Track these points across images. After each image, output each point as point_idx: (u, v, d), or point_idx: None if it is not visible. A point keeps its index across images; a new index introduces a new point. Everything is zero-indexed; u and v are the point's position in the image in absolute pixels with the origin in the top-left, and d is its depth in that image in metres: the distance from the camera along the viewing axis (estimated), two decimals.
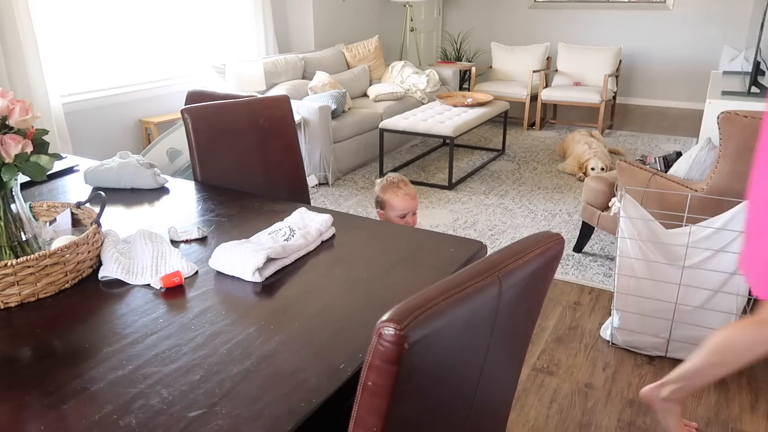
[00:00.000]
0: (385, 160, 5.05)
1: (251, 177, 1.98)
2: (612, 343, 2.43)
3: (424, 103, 5.48)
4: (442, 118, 4.55)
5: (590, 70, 6.19)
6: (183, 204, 1.75)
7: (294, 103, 4.38)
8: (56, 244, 1.30)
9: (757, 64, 3.38)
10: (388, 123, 4.50)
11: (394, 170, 4.73)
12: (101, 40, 4.21)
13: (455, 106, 4.94)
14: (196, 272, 1.32)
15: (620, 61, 6.26)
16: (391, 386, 0.72)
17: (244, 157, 1.98)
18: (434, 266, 1.36)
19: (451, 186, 4.34)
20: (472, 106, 4.91)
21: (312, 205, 2.06)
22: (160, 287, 1.26)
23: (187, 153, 2.55)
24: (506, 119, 5.28)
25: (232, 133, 1.98)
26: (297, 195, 2.11)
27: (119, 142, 4.30)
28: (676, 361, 2.32)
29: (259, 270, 1.27)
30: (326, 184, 4.46)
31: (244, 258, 1.27)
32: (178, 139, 2.91)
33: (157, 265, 1.31)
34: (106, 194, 1.78)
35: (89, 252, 1.30)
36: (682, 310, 2.24)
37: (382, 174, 4.58)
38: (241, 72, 4.54)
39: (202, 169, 1.94)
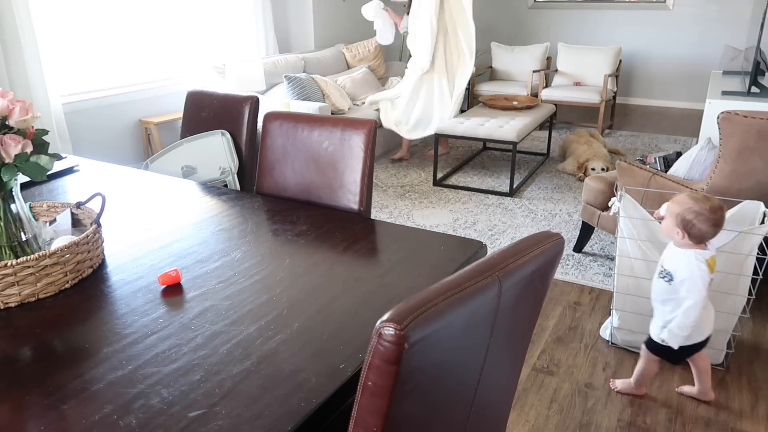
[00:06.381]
0: (385, 161, 5.05)
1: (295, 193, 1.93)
2: (612, 343, 2.43)
3: None
4: (500, 123, 4.38)
5: (590, 70, 6.19)
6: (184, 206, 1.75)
7: (294, 104, 4.38)
8: (56, 244, 1.30)
9: (757, 64, 3.38)
10: (445, 128, 4.39)
11: (394, 170, 4.73)
12: (101, 40, 4.21)
13: (503, 109, 4.79)
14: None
15: (620, 61, 6.26)
16: (391, 386, 0.72)
17: (296, 177, 1.92)
18: (434, 266, 1.37)
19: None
20: (519, 109, 4.77)
21: None
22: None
23: (200, 170, 2.51)
24: (552, 122, 5.24)
25: (298, 151, 1.92)
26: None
27: (119, 142, 4.31)
28: None
29: None
30: None
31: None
32: (190, 152, 2.85)
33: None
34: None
35: (89, 252, 1.30)
36: None
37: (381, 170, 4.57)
38: (241, 72, 4.54)
39: (261, 180, 1.95)
